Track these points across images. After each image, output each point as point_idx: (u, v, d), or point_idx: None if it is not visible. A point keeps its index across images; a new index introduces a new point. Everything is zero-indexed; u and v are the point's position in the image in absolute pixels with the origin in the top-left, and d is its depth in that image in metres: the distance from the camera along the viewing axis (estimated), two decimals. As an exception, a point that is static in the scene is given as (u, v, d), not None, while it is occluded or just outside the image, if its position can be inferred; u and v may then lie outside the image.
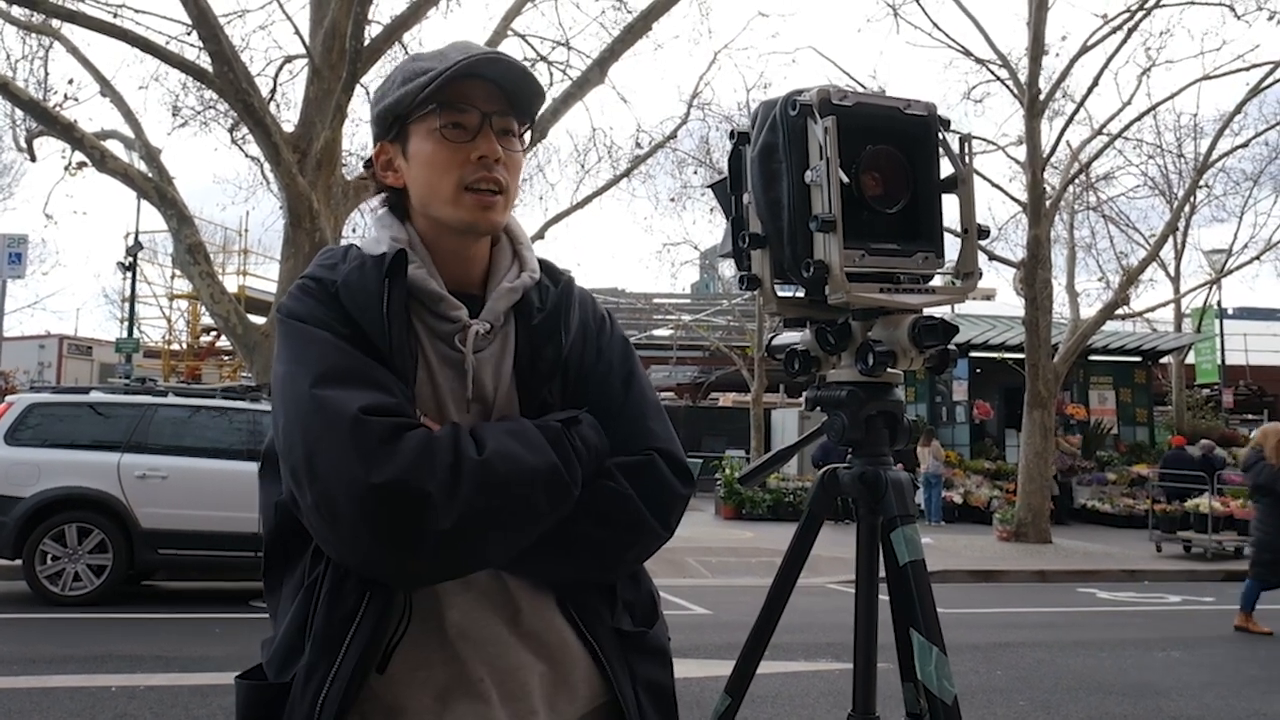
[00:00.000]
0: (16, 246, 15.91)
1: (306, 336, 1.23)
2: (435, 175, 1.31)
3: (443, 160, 1.31)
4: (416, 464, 1.12)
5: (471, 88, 1.31)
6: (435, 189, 1.32)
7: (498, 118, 1.32)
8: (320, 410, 1.14)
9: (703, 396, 32.50)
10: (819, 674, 6.19)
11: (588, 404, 1.35)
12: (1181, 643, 7.83)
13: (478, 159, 1.30)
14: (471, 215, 1.31)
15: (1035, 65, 15.30)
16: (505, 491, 1.16)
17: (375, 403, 1.15)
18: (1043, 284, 15.44)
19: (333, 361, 1.19)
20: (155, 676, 5.80)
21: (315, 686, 1.20)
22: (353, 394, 1.15)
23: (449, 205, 1.31)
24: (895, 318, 1.42)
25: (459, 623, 1.25)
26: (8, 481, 8.21)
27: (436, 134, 1.31)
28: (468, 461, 1.15)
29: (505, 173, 1.32)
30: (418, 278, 1.30)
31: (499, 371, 1.34)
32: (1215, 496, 14.33)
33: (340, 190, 10.55)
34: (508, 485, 1.16)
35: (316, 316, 1.25)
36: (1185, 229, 24.50)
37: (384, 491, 1.10)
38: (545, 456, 1.20)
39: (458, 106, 1.30)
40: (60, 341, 28.25)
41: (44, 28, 12.35)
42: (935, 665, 1.36)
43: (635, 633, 1.36)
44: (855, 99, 1.36)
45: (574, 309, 1.42)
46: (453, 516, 1.11)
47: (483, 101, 1.31)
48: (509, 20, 12.87)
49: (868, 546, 1.52)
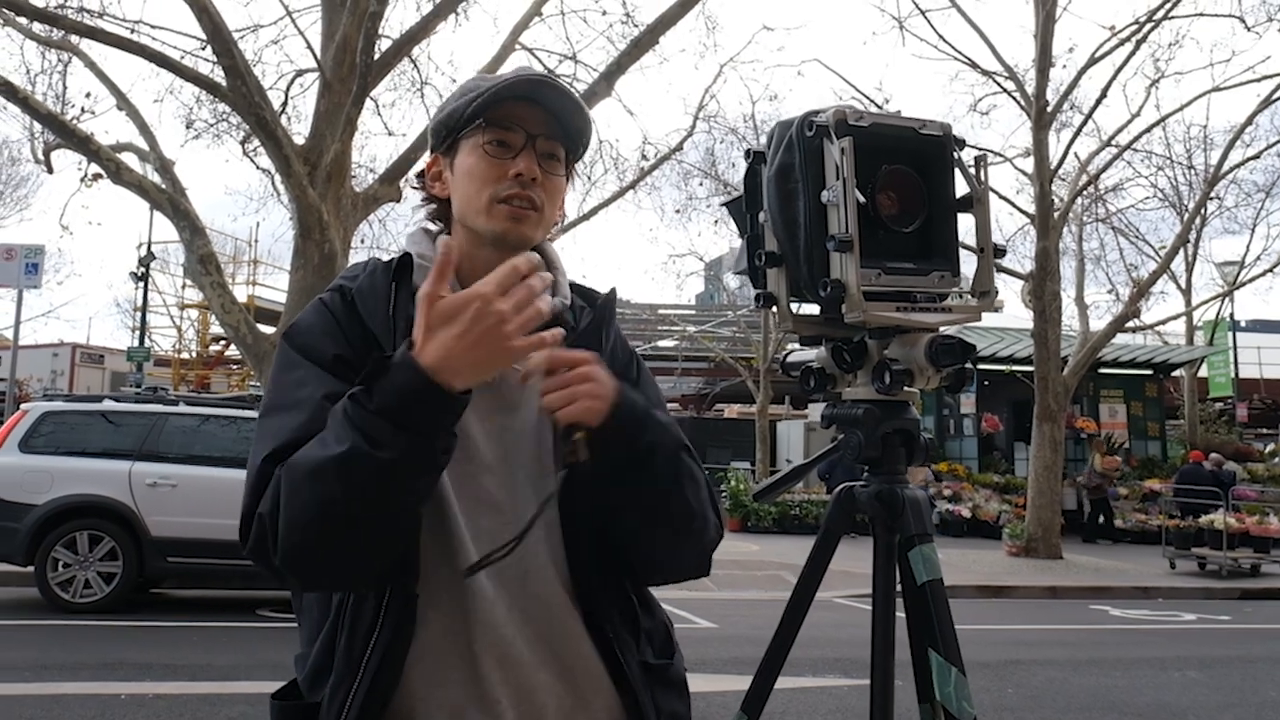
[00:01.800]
0: (33, 257, 15.97)
1: (284, 357, 1.29)
2: (473, 187, 1.34)
3: (481, 173, 1.33)
4: (259, 533, 1.15)
5: (521, 109, 1.33)
6: (471, 200, 1.34)
7: (543, 140, 1.34)
8: (262, 438, 1.22)
9: (708, 408, 32.47)
10: (826, 690, 6.16)
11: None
12: (1198, 662, 7.75)
13: (514, 175, 1.32)
14: (502, 225, 1.32)
15: (1043, 77, 15.25)
16: (295, 495, 1.13)
17: (287, 441, 1.18)
18: (1051, 296, 15.38)
19: (281, 388, 1.25)
20: (164, 684, 5.81)
21: (339, 705, 1.21)
22: (271, 431, 1.21)
23: (482, 215, 1.33)
24: (912, 336, 1.42)
25: (482, 640, 1.25)
26: (21, 489, 8.26)
27: (481, 149, 1.33)
28: (276, 477, 1.16)
29: (542, 194, 1.34)
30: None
31: (526, 390, 1.33)
32: (1230, 512, 14.20)
33: (349, 202, 10.59)
34: (295, 487, 1.13)
35: (316, 331, 1.29)
36: (1196, 241, 24.43)
37: (243, 519, 1.19)
38: (329, 450, 1.11)
39: (504, 125, 1.33)
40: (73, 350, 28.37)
41: (63, 43, 12.46)
42: (954, 686, 1.36)
43: (659, 665, 1.37)
44: (871, 119, 1.37)
45: (611, 324, 1.44)
46: (281, 531, 1.13)
47: (531, 124, 1.34)
48: (517, 34, 12.92)
49: (885, 565, 1.52)
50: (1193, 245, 24.07)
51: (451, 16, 11.28)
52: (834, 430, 1.55)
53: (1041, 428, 15.31)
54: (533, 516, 1.23)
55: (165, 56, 10.01)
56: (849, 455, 1.50)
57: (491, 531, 1.26)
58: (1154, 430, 21.51)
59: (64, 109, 13.42)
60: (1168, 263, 18.26)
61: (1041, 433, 15.30)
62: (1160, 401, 22.22)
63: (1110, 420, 21.06)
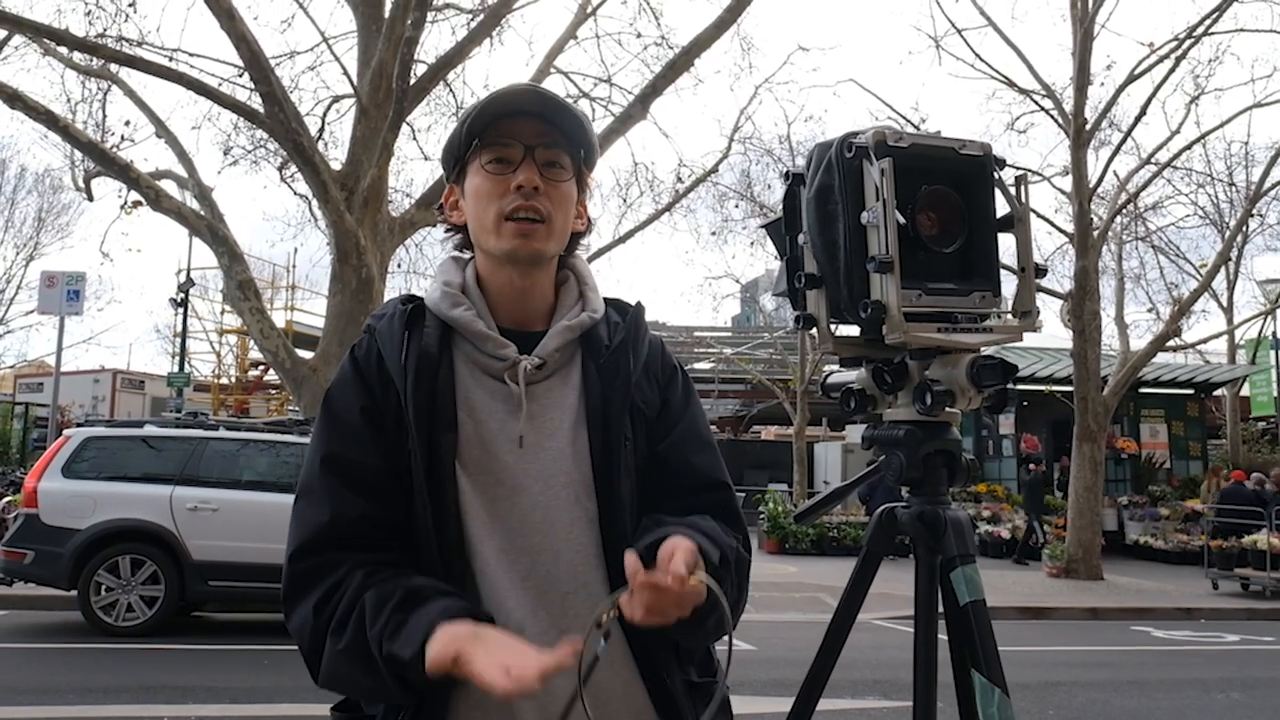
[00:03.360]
0: (75, 284, 16.26)
1: (320, 425, 1.36)
2: (480, 207, 1.36)
3: (486, 192, 1.35)
4: (297, 631, 1.29)
5: (513, 123, 1.35)
6: (481, 221, 1.36)
7: (542, 150, 1.35)
8: (289, 533, 1.34)
9: (744, 430, 32.34)
10: (866, 712, 6.10)
11: (654, 449, 1.39)
12: (1241, 684, 7.59)
13: (515, 188, 1.33)
14: (510, 243, 1.34)
15: (1081, 95, 15.14)
16: (336, 683, 1.28)
17: (309, 538, 1.30)
18: (1091, 315, 15.21)
19: (313, 470, 1.34)
20: (206, 707, 5.86)
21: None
22: (300, 523, 1.32)
23: (492, 235, 1.35)
24: (953, 357, 1.42)
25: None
26: (65, 513, 8.37)
27: (482, 169, 1.35)
28: (314, 668, 1.28)
29: (547, 202, 1.34)
30: (464, 319, 1.34)
31: (561, 409, 1.35)
32: (1274, 532, 13.92)
33: (386, 227, 10.71)
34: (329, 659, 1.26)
35: (345, 395, 1.35)
36: (1238, 259, 24.07)
37: (292, 632, 1.32)
38: (366, 679, 1.24)
39: (501, 141, 1.35)
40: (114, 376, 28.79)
41: (103, 72, 12.72)
42: (998, 707, 1.35)
43: (703, 683, 1.37)
44: (910, 140, 1.37)
45: (641, 340, 1.43)
46: (317, 675, 1.28)
47: (525, 135, 1.35)
48: (552, 58, 13.05)
49: (927, 586, 1.51)
50: (1234, 263, 23.71)
51: (486, 41, 11.42)
52: (873, 451, 1.54)
53: (1081, 448, 15.10)
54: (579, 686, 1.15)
55: (203, 84, 10.17)
56: (890, 476, 1.49)
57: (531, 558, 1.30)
58: (1195, 450, 21.13)
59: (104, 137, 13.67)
60: (1209, 281, 18.00)
61: (1081, 453, 15.09)
62: (1202, 421, 21.84)
63: (1151, 440, 20.73)
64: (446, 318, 1.35)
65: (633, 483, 1.35)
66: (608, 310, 1.44)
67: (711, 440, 1.47)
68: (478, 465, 1.30)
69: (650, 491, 1.37)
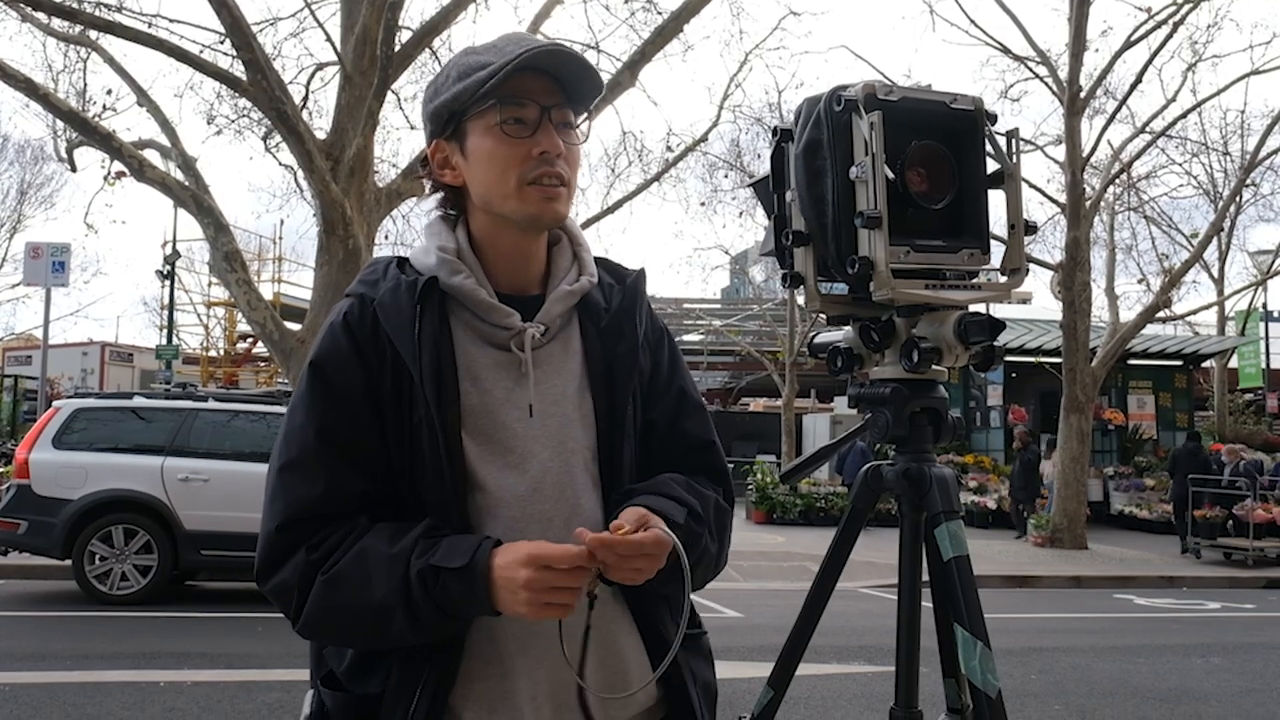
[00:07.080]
0: (60, 256, 16.12)
1: (310, 395, 1.28)
2: (497, 172, 1.29)
3: (504, 156, 1.28)
4: (279, 585, 1.25)
5: (530, 81, 1.28)
6: (497, 185, 1.29)
7: (556, 110, 1.29)
8: (268, 503, 1.28)
9: (733, 402, 32.41)
10: (851, 676, 6.17)
11: (648, 416, 1.39)
12: (1221, 649, 7.70)
13: (539, 154, 1.27)
14: (536, 208, 1.29)
15: (1076, 62, 14.97)
16: (325, 611, 1.24)
17: (298, 510, 1.24)
18: (1081, 287, 15.20)
19: (305, 442, 1.27)
20: (201, 672, 5.90)
21: (404, 704, 1.24)
22: (289, 496, 1.26)
23: (512, 200, 1.29)
24: (940, 314, 1.41)
25: (519, 636, 1.26)
26: (56, 484, 8.40)
27: (496, 130, 1.28)
28: (299, 607, 1.25)
29: (566, 166, 1.30)
30: (465, 287, 1.29)
31: (564, 376, 1.33)
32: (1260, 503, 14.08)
33: (373, 197, 10.62)
34: (327, 607, 1.23)
35: (341, 366, 1.27)
36: (1230, 229, 24.00)
37: (268, 593, 1.29)
38: (374, 593, 1.20)
39: (517, 101, 1.27)
40: (102, 349, 28.67)
41: (82, 38, 12.52)
42: (980, 659, 1.36)
43: (693, 634, 1.38)
44: (901, 94, 1.35)
45: (642, 303, 1.41)
46: (304, 617, 1.25)
47: (541, 95, 1.29)
48: (538, 24, 12.91)
49: (911, 543, 1.52)
50: (1226, 234, 23.63)
51: (472, 6, 11.25)
52: (860, 411, 1.54)
53: (1069, 419, 15.19)
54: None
55: (184, 51, 10.00)
56: (876, 435, 1.49)
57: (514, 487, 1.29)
58: (1183, 421, 21.24)
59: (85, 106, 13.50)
60: (1200, 252, 17.96)
61: (1069, 424, 15.18)
62: (1189, 393, 21.94)
63: (1139, 411, 20.84)
64: (446, 286, 1.29)
65: (634, 447, 1.35)
66: (600, 272, 1.41)
67: (701, 400, 1.47)
68: (485, 435, 1.27)
69: (643, 454, 1.38)
